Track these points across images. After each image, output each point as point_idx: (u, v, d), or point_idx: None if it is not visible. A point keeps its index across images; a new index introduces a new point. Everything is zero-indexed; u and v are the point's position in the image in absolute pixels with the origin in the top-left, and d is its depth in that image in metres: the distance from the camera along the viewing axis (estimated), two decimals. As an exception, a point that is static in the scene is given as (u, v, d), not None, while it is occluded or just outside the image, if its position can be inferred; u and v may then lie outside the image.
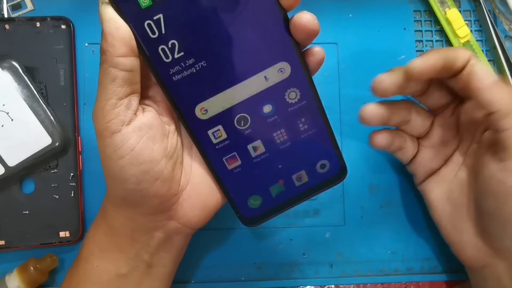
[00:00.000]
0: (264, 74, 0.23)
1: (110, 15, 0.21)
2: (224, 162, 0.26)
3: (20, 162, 0.33)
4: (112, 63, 0.21)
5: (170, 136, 0.25)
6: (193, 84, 0.23)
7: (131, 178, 0.23)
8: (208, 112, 0.24)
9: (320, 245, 0.35)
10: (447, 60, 0.25)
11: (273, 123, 0.25)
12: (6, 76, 0.33)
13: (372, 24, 0.38)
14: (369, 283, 0.35)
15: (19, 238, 0.33)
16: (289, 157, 0.26)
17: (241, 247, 0.35)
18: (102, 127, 0.22)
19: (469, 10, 0.38)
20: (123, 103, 0.22)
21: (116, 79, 0.22)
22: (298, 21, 0.22)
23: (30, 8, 0.36)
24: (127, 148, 0.23)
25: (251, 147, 0.25)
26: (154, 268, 0.27)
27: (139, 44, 0.22)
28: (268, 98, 0.24)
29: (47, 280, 0.33)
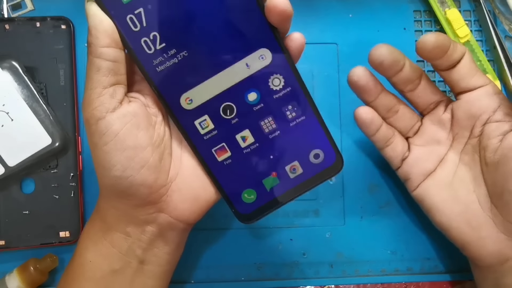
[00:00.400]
0: (245, 61, 0.24)
1: (94, 11, 0.23)
2: (213, 154, 0.26)
3: (20, 162, 0.33)
4: (96, 53, 0.23)
5: (157, 126, 0.26)
6: (177, 74, 0.24)
7: (117, 164, 0.24)
8: (193, 102, 0.25)
9: (320, 245, 0.35)
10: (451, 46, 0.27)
11: (260, 112, 0.25)
12: (6, 76, 0.33)
13: (372, 24, 0.38)
14: (369, 283, 0.35)
15: (19, 238, 0.33)
16: (280, 147, 0.26)
17: (241, 247, 0.35)
18: (88, 115, 0.23)
19: (469, 10, 0.38)
20: (108, 92, 0.23)
21: (101, 69, 0.23)
22: (271, 4, 0.23)
23: (30, 8, 0.36)
24: (111, 133, 0.23)
25: (240, 137, 0.25)
26: (147, 265, 0.27)
27: (122, 37, 0.23)
28: (252, 85, 0.24)
29: (47, 280, 0.33)
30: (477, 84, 0.28)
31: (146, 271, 0.27)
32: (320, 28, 0.37)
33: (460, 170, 0.30)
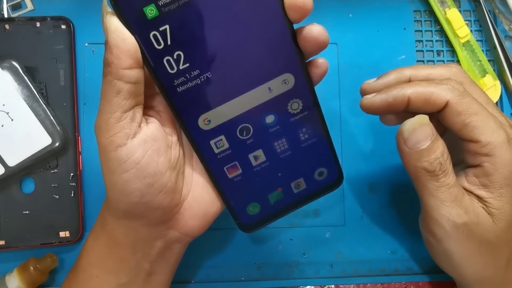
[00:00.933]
0: (268, 86, 0.23)
1: (115, 26, 0.20)
2: (225, 171, 0.26)
3: (20, 162, 0.33)
4: (118, 75, 0.21)
5: (173, 147, 0.25)
6: (197, 95, 0.23)
7: (135, 191, 0.23)
8: (211, 123, 0.24)
9: (320, 245, 0.35)
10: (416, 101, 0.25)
11: (275, 133, 0.25)
12: (6, 76, 0.33)
13: (372, 24, 0.38)
14: (369, 283, 0.35)
15: (19, 238, 0.33)
16: (289, 166, 0.26)
17: (241, 247, 0.35)
18: (107, 141, 0.22)
19: (469, 10, 0.38)
20: (128, 115, 0.22)
21: (121, 92, 0.21)
22: (309, 34, 0.22)
23: (30, 8, 0.36)
24: (133, 162, 0.22)
25: (252, 156, 0.25)
26: (153, 276, 0.27)
27: (144, 55, 0.22)
28: (271, 108, 0.24)
29: (47, 280, 0.33)
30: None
31: (153, 281, 0.27)
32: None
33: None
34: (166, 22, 0.21)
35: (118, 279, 0.26)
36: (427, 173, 0.24)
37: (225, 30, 0.22)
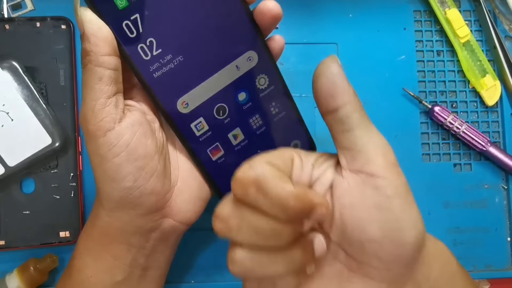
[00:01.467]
0: (235, 64, 0.25)
1: (90, 17, 0.22)
2: (208, 154, 0.27)
3: (20, 162, 0.33)
4: (98, 62, 0.22)
5: (156, 133, 0.26)
6: (173, 79, 0.24)
7: (128, 175, 0.23)
8: (189, 106, 0.25)
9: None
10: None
11: (249, 110, 0.26)
12: (6, 76, 0.33)
13: (372, 24, 0.38)
14: (369, 283, 0.35)
15: (19, 238, 0.33)
16: (266, 141, 0.28)
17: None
18: (95, 127, 0.22)
19: (469, 10, 0.38)
20: (112, 101, 0.23)
21: (103, 78, 0.22)
22: (263, 8, 0.24)
23: (30, 8, 0.36)
24: (123, 144, 0.23)
25: (232, 135, 0.27)
26: (149, 271, 0.27)
27: (119, 44, 0.23)
28: (242, 86, 0.26)
29: (47, 280, 0.33)
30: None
31: (148, 276, 0.27)
32: (320, 28, 0.37)
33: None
34: (136, 11, 0.22)
35: (113, 277, 0.26)
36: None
37: (189, 15, 0.23)
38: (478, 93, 0.37)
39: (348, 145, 0.21)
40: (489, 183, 0.37)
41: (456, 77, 0.38)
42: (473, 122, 0.37)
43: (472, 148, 0.37)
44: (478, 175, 0.37)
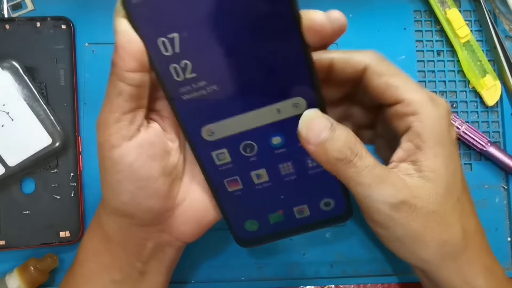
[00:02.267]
0: (277, 107, 0.22)
1: (123, 28, 0.20)
2: (224, 184, 0.25)
3: (20, 162, 0.33)
4: (121, 77, 0.21)
5: (172, 153, 0.25)
6: (202, 105, 0.22)
7: (126, 192, 0.23)
8: (214, 135, 0.23)
9: (320, 245, 0.35)
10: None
11: (281, 155, 0.24)
12: (6, 76, 0.33)
13: (372, 24, 0.38)
14: (369, 283, 0.35)
15: (19, 238, 0.33)
16: (293, 190, 0.25)
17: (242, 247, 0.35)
18: (103, 139, 0.22)
19: (469, 10, 0.38)
20: (127, 118, 0.22)
21: (123, 94, 0.21)
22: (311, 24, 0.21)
23: (30, 8, 0.36)
24: (125, 164, 0.22)
25: (255, 174, 0.25)
26: (147, 275, 0.27)
27: (150, 59, 0.21)
28: (279, 130, 0.23)
29: (48, 280, 0.33)
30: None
31: (147, 280, 0.27)
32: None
33: None
34: (175, 30, 0.20)
35: (112, 275, 0.26)
36: (341, 162, 0.22)
37: (236, 45, 0.21)
38: (478, 93, 0.37)
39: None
40: (489, 183, 0.37)
41: (456, 77, 0.38)
42: (473, 122, 0.37)
43: (472, 148, 0.37)
44: (478, 175, 0.37)
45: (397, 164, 0.24)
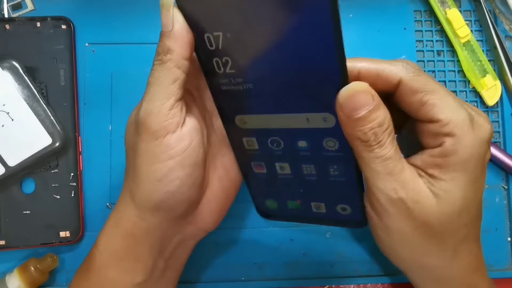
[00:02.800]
0: (307, 116, 0.23)
1: (180, 20, 0.21)
2: (251, 165, 0.27)
3: (21, 162, 0.33)
4: (178, 63, 0.22)
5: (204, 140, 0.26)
6: (238, 98, 0.24)
7: (176, 180, 0.23)
8: (246, 124, 0.25)
9: (320, 245, 0.35)
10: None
11: (305, 157, 0.25)
12: (7, 76, 0.33)
13: (372, 24, 0.38)
14: (369, 283, 0.35)
15: (19, 238, 0.33)
16: (312, 189, 0.27)
17: (242, 247, 0.35)
18: (158, 127, 0.22)
19: (470, 10, 0.38)
20: (179, 104, 0.23)
21: (178, 80, 0.22)
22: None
23: (30, 8, 0.36)
24: (180, 149, 0.23)
25: (279, 165, 0.26)
26: (166, 272, 0.28)
27: (197, 50, 0.23)
28: (305, 136, 0.24)
29: (48, 280, 0.33)
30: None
31: (165, 277, 0.28)
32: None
33: None
34: (220, 29, 0.21)
35: (134, 279, 0.26)
36: (361, 142, 0.22)
37: (275, 53, 0.21)
38: (478, 93, 0.37)
39: None
40: (489, 183, 0.37)
41: (457, 77, 0.38)
42: (473, 122, 0.37)
43: (472, 148, 0.37)
44: (478, 175, 0.37)
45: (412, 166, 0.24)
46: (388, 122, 0.22)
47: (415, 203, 0.23)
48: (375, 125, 0.21)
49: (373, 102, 0.21)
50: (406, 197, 0.23)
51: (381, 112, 0.22)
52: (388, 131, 0.22)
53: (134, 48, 0.36)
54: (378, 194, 0.23)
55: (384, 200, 0.23)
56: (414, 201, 0.23)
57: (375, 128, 0.21)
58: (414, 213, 0.23)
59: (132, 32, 0.36)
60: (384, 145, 0.22)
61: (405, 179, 0.23)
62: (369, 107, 0.21)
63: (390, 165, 0.22)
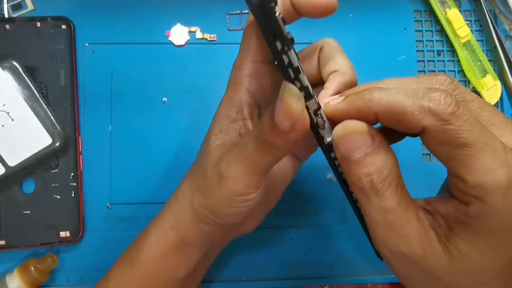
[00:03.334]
0: None
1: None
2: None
3: (21, 162, 0.33)
4: (279, 158, 0.22)
5: None
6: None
7: (260, 190, 0.24)
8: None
9: (320, 245, 0.35)
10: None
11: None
12: (7, 76, 0.33)
13: (372, 24, 0.38)
14: (369, 283, 0.35)
15: (19, 238, 0.33)
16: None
17: (242, 247, 0.35)
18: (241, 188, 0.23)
19: (470, 10, 0.38)
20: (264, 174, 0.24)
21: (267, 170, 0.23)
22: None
23: (30, 8, 0.36)
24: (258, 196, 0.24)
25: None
26: (197, 270, 0.29)
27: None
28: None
29: (48, 280, 0.33)
30: None
31: (199, 273, 0.29)
32: (321, 28, 0.37)
33: None
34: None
35: (177, 274, 0.27)
36: (357, 187, 0.20)
37: None
38: (478, 93, 0.37)
39: None
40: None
41: (457, 77, 0.38)
42: (474, 122, 0.37)
43: (472, 148, 0.37)
44: (478, 175, 0.37)
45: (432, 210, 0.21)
46: (389, 169, 0.19)
47: (421, 258, 0.20)
48: (371, 171, 0.19)
49: (371, 145, 0.19)
50: (409, 253, 0.20)
51: (380, 157, 0.19)
52: (389, 179, 0.19)
53: (134, 48, 0.36)
54: (378, 244, 0.21)
55: (385, 252, 0.21)
56: (420, 256, 0.20)
57: (372, 174, 0.19)
58: (419, 266, 0.20)
59: (132, 32, 0.36)
60: (384, 196, 0.19)
61: (409, 234, 0.20)
62: (366, 149, 0.19)
63: (391, 218, 0.19)
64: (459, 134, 0.18)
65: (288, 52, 0.19)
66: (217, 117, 0.25)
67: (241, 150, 0.21)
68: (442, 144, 0.18)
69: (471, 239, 0.19)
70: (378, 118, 0.19)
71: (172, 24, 0.36)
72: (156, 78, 0.36)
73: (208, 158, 0.24)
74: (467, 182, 0.18)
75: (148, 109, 0.36)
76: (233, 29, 0.37)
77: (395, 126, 0.19)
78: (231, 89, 0.24)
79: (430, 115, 0.18)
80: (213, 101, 0.36)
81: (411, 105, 0.18)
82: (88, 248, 0.34)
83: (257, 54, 0.23)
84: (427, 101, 0.18)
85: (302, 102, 0.18)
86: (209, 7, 0.37)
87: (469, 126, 0.18)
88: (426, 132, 0.18)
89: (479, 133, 0.18)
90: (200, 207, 0.24)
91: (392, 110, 0.18)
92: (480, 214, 0.18)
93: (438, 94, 0.18)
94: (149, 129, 0.36)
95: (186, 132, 0.36)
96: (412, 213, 0.20)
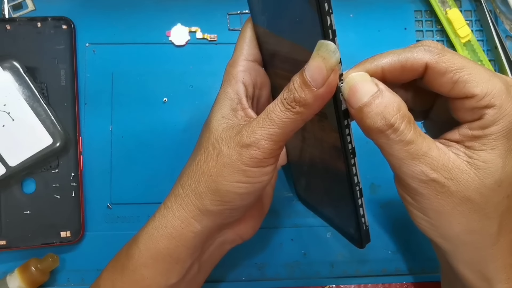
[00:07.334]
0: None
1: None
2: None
3: (21, 162, 0.33)
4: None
5: None
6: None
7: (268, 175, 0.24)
8: None
9: (321, 245, 0.35)
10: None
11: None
12: (7, 76, 0.33)
13: (372, 24, 0.38)
14: (370, 283, 0.35)
15: (20, 238, 0.33)
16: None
17: (242, 247, 0.35)
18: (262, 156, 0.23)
19: (470, 10, 0.38)
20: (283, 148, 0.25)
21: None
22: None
23: (31, 8, 0.36)
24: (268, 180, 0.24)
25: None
26: (197, 275, 0.28)
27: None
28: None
29: (48, 280, 0.33)
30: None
31: (196, 280, 0.28)
32: (321, 28, 0.37)
33: None
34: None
35: (169, 279, 0.26)
36: (375, 132, 0.22)
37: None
38: (479, 93, 0.37)
39: None
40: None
41: (457, 77, 0.38)
42: (474, 122, 0.37)
43: (473, 148, 0.37)
44: (479, 175, 0.37)
45: (447, 142, 0.23)
46: (398, 106, 0.21)
47: (450, 180, 0.22)
48: (381, 110, 0.21)
49: (376, 89, 0.21)
50: (438, 177, 0.22)
51: (386, 98, 0.21)
52: (401, 114, 0.21)
53: (134, 48, 0.36)
54: (407, 180, 0.23)
55: (415, 184, 0.22)
56: (448, 178, 0.22)
57: (382, 112, 0.21)
58: (450, 191, 0.22)
59: (133, 32, 0.36)
60: (400, 129, 0.21)
61: (433, 159, 0.22)
62: (372, 94, 0.21)
63: (413, 149, 0.22)
64: (455, 60, 0.22)
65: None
66: (216, 107, 0.25)
67: (268, 114, 0.22)
68: (444, 73, 0.22)
69: (491, 146, 0.22)
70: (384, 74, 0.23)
71: (172, 24, 0.36)
72: (157, 78, 0.36)
73: (216, 140, 0.24)
74: (477, 95, 0.21)
75: (149, 109, 0.36)
76: (233, 29, 0.37)
77: (400, 75, 0.23)
78: (228, 84, 0.26)
79: (428, 52, 0.22)
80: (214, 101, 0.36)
81: (411, 52, 0.22)
82: (89, 248, 0.34)
83: (249, 54, 0.26)
84: (422, 45, 0.23)
85: (337, 55, 0.20)
86: (210, 7, 0.37)
87: (458, 55, 0.22)
88: (429, 68, 0.22)
89: (466, 59, 0.22)
90: (206, 191, 0.24)
91: (396, 60, 0.23)
92: (494, 119, 0.21)
93: (427, 41, 0.23)
94: (149, 129, 0.36)
95: (187, 132, 0.36)
96: (430, 141, 0.22)
